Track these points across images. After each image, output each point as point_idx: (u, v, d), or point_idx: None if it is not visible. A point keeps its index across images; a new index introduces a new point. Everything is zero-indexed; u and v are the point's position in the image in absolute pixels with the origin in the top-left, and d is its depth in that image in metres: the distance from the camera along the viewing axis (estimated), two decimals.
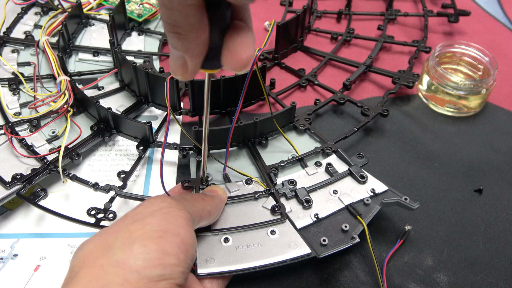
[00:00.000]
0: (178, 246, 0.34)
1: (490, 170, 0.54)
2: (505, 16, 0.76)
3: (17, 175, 0.46)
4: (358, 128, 0.54)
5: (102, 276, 0.31)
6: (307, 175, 0.48)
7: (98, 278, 0.31)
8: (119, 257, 0.32)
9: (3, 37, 0.62)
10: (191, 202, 0.39)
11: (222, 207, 0.44)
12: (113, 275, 0.31)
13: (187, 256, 0.34)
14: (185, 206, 0.37)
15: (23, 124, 0.52)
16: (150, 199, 0.38)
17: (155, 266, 0.32)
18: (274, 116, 0.50)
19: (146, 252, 0.32)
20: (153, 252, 0.32)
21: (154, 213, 0.35)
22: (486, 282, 0.45)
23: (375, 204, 0.45)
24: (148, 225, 0.34)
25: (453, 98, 0.58)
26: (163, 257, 0.32)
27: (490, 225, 0.49)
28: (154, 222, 0.34)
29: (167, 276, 0.32)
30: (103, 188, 0.46)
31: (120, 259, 0.31)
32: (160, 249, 0.33)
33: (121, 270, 0.31)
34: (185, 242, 0.34)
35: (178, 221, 0.35)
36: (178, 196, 0.40)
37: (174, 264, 0.33)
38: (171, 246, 0.33)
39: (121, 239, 0.33)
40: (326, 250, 0.41)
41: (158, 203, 0.37)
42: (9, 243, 0.46)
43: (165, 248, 0.33)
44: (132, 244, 0.32)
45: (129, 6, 0.67)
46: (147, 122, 0.49)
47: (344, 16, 0.74)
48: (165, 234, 0.34)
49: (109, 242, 0.33)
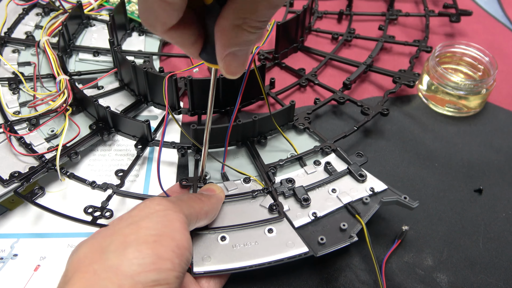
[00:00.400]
0: (173, 250, 0.33)
1: (490, 170, 0.54)
2: (505, 16, 0.76)
3: (15, 173, 0.46)
4: (358, 127, 0.54)
5: (95, 281, 0.30)
6: (306, 174, 0.48)
7: (91, 284, 0.30)
8: (113, 262, 0.31)
9: (4, 37, 0.63)
10: (188, 203, 0.39)
11: (220, 207, 0.44)
12: (107, 280, 0.30)
13: (182, 260, 0.34)
14: (181, 208, 0.37)
15: (22, 123, 0.52)
16: (146, 201, 0.37)
17: (149, 271, 0.31)
18: (273, 114, 0.50)
19: (140, 257, 0.32)
20: (147, 257, 0.32)
21: (149, 216, 0.35)
22: (486, 282, 0.44)
23: (374, 203, 0.45)
24: (143, 228, 0.34)
25: (453, 98, 0.58)
26: (157, 262, 0.32)
27: (490, 225, 0.49)
28: (149, 225, 0.34)
29: (161, 281, 0.32)
30: (101, 186, 0.46)
31: (114, 264, 0.31)
32: (154, 253, 0.32)
33: (115, 276, 0.31)
34: (181, 246, 0.34)
35: (173, 225, 0.35)
36: (175, 198, 0.39)
37: (169, 268, 0.32)
38: (166, 250, 0.33)
39: (115, 243, 0.33)
40: (324, 249, 0.41)
41: (154, 205, 0.36)
42: (9, 243, 0.46)
43: (160, 252, 0.32)
44: (126, 248, 0.32)
45: (130, 7, 0.68)
46: (145, 121, 0.49)
47: (345, 17, 0.74)
48: (160, 238, 0.33)
49: (104, 246, 0.33)
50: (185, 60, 0.65)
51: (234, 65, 0.31)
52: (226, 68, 0.31)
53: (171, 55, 0.66)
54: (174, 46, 0.67)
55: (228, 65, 0.31)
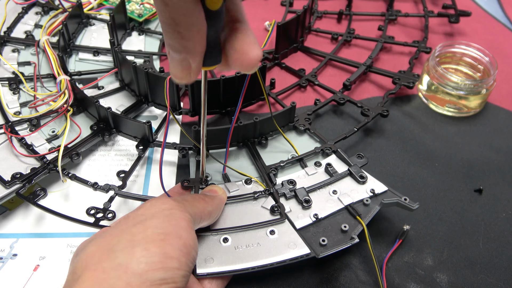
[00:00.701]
0: (180, 249, 0.34)
1: (490, 170, 0.54)
2: (505, 16, 0.76)
3: (16, 174, 0.46)
4: (358, 129, 0.54)
5: (104, 279, 0.31)
6: (307, 175, 0.48)
7: (101, 282, 0.31)
8: (121, 260, 0.32)
9: (4, 37, 0.63)
10: (192, 203, 0.39)
11: (222, 208, 0.44)
12: (116, 278, 0.31)
13: (189, 259, 0.34)
14: (186, 207, 0.37)
15: (23, 123, 0.52)
16: (152, 200, 0.38)
17: (157, 269, 0.32)
18: (274, 116, 0.50)
19: (148, 255, 0.32)
20: (155, 255, 0.32)
21: (156, 215, 0.35)
22: (486, 282, 0.45)
23: (374, 204, 0.45)
24: (150, 227, 0.34)
25: (453, 98, 0.58)
26: (165, 261, 0.32)
27: (490, 225, 0.49)
28: (156, 224, 0.34)
29: (168, 280, 0.32)
30: (103, 187, 0.46)
31: (123, 263, 0.31)
32: (162, 252, 0.33)
33: (124, 274, 0.31)
34: (187, 245, 0.34)
35: (180, 223, 0.35)
36: (179, 197, 0.40)
37: (176, 267, 0.33)
38: (173, 249, 0.33)
39: (123, 242, 0.33)
40: (325, 250, 0.41)
41: (160, 204, 0.36)
42: (8, 243, 0.46)
43: (167, 251, 0.33)
44: (134, 247, 0.32)
45: (130, 6, 0.67)
46: (147, 122, 0.49)
47: (344, 17, 0.74)
48: (167, 237, 0.34)
49: (112, 245, 0.33)
50: None
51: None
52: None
53: None
54: None
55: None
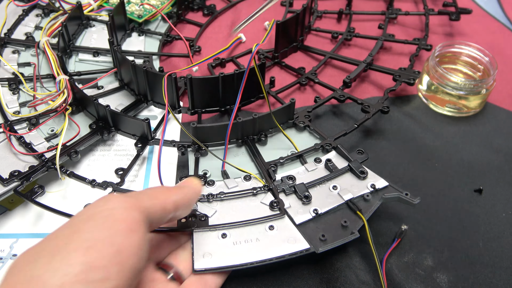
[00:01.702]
0: (110, 257, 0.29)
1: (490, 170, 0.54)
2: (505, 16, 0.76)
3: (14, 172, 0.46)
4: (359, 125, 0.53)
5: None
6: (307, 171, 0.48)
7: None
8: (37, 272, 0.28)
9: (4, 38, 0.63)
10: (150, 195, 0.35)
11: (195, 198, 0.40)
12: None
13: (124, 267, 0.30)
14: (139, 202, 0.34)
15: (22, 122, 0.52)
16: (98, 199, 0.34)
17: (74, 282, 0.28)
18: (273, 112, 0.50)
19: (66, 265, 0.28)
20: (75, 265, 0.28)
21: (93, 217, 0.31)
22: (486, 282, 0.44)
23: (375, 199, 0.45)
24: (80, 232, 0.30)
25: (453, 98, 0.58)
26: (85, 272, 0.28)
27: (490, 225, 0.49)
28: (88, 228, 0.31)
29: None
30: (100, 184, 0.46)
31: (37, 275, 0.28)
32: (84, 262, 0.28)
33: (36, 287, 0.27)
34: (122, 252, 0.30)
35: (116, 226, 0.31)
36: (136, 192, 0.37)
37: (100, 279, 0.29)
38: (100, 257, 0.29)
39: (47, 250, 0.29)
40: (325, 245, 0.41)
41: (102, 204, 0.33)
42: (8, 243, 0.46)
43: (91, 260, 0.29)
44: (54, 256, 0.29)
45: (129, 7, 0.68)
46: (145, 119, 0.49)
47: (344, 16, 0.74)
48: (96, 243, 0.30)
49: (37, 252, 0.30)
50: (185, 60, 0.65)
51: None
52: None
53: (171, 55, 0.66)
54: (174, 46, 0.67)
55: None
